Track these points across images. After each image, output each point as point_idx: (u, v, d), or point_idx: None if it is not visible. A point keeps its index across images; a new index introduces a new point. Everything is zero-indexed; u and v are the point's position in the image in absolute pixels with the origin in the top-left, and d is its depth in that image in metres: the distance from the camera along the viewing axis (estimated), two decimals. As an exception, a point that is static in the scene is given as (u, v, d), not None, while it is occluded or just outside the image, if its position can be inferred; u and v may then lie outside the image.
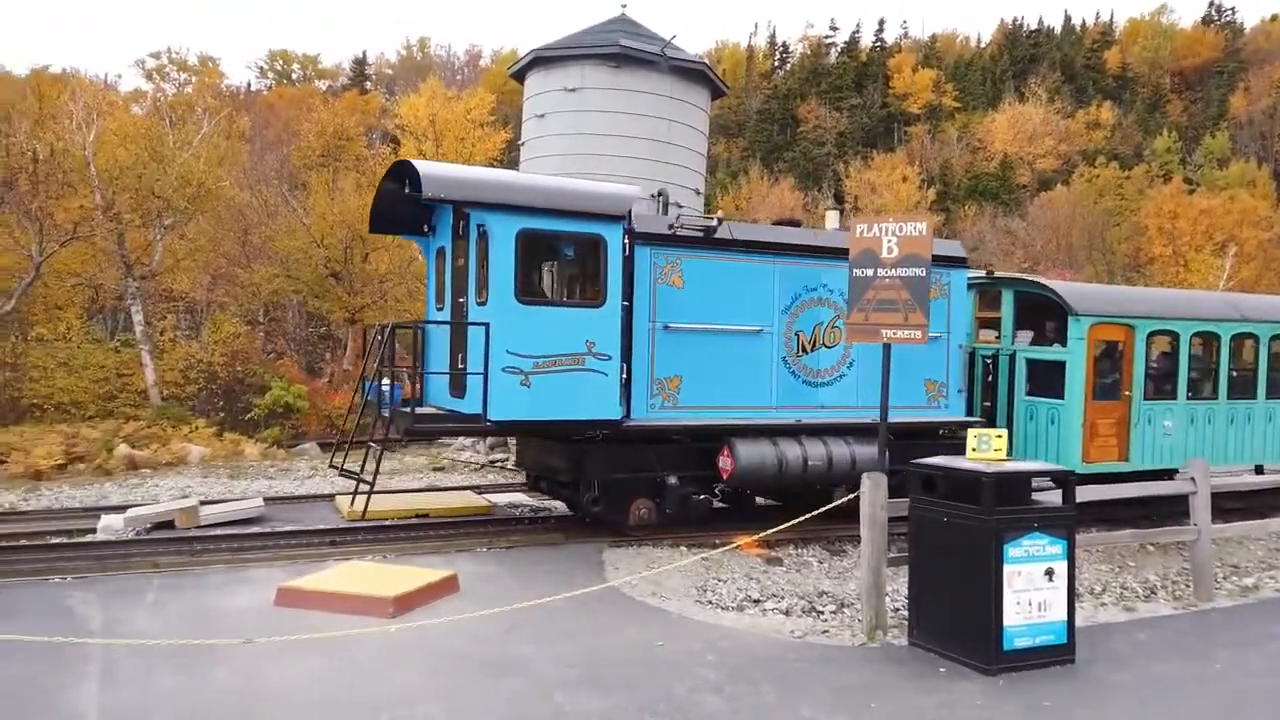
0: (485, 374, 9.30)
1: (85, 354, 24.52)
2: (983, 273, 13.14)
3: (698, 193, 19.65)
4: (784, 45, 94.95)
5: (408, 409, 9.87)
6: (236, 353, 25.26)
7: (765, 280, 10.76)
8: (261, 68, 77.79)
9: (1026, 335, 12.16)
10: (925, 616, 6.89)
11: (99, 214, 22.63)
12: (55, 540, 10.13)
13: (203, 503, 11.63)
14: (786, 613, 8.01)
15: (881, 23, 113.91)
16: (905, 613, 7.29)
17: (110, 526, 10.55)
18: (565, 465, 10.59)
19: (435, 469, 17.05)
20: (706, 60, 23.03)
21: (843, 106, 73.90)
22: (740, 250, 10.66)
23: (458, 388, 9.98)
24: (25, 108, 24.45)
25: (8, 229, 22.31)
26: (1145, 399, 11.82)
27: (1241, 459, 12.86)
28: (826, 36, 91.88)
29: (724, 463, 10.38)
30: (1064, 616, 6.62)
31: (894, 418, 11.15)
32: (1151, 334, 11.91)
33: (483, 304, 9.63)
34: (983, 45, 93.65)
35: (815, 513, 8.93)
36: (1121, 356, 11.76)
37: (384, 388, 10.40)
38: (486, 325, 9.34)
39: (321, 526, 10.80)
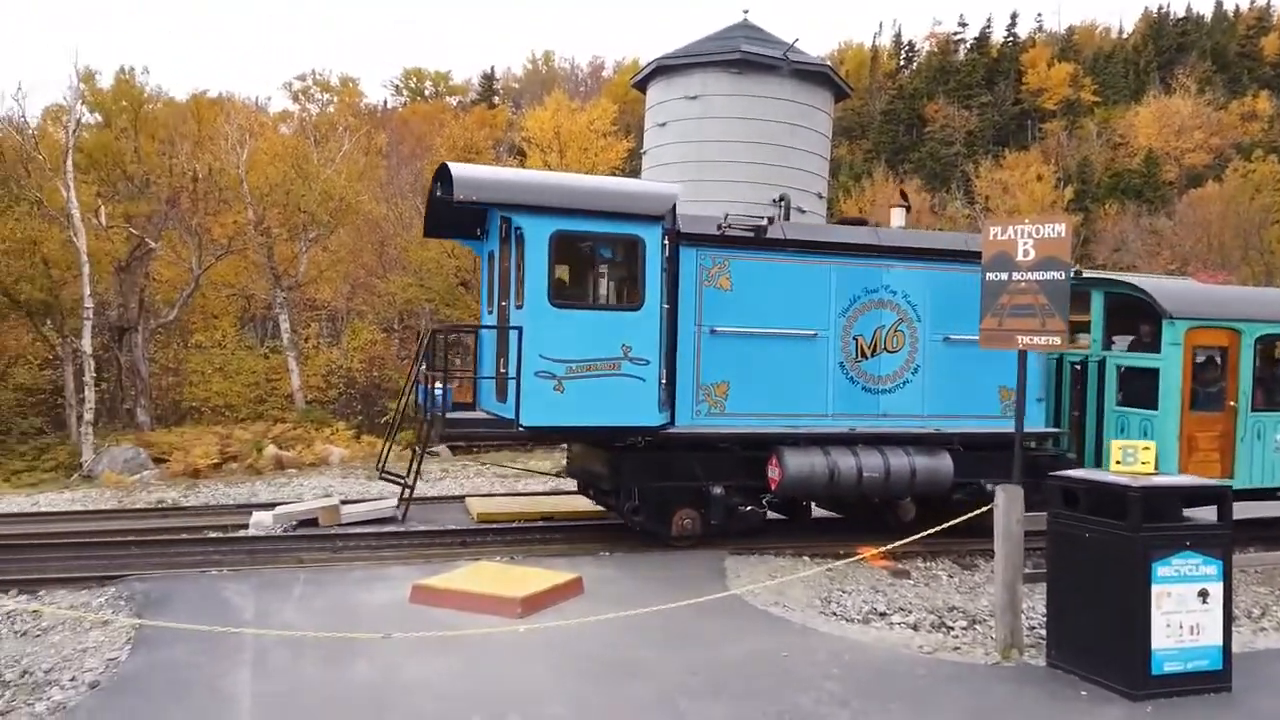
0: (518, 378, 9.17)
1: (238, 360, 26.26)
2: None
3: (820, 196, 19.37)
4: (909, 44, 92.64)
5: (443, 413, 9.93)
6: (373, 359, 26.51)
7: (821, 282, 10.34)
8: (397, 86, 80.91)
9: (1125, 340, 11.30)
10: (1065, 636, 6.59)
11: (251, 229, 24.17)
12: (212, 535, 10.89)
13: (343, 502, 12.24)
14: (915, 627, 7.80)
15: (1014, 17, 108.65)
16: (1041, 631, 7.00)
17: (261, 523, 11.23)
18: (606, 472, 10.41)
19: (558, 474, 17.37)
20: (829, 62, 22.70)
21: (972, 105, 71.34)
22: (793, 250, 10.27)
23: (500, 392, 9.94)
24: (186, 130, 26.33)
25: (171, 245, 24.11)
26: (1253, 410, 10.88)
27: None
28: (955, 33, 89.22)
29: (772, 472, 10.02)
30: (1219, 641, 6.22)
31: (963, 428, 10.70)
32: (1261, 339, 10.98)
33: (519, 307, 9.56)
34: (1124, 36, 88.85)
35: (944, 526, 8.67)
36: (1226, 363, 10.84)
37: (434, 391, 10.42)
38: (519, 329, 9.27)
39: (453, 527, 11.20)
